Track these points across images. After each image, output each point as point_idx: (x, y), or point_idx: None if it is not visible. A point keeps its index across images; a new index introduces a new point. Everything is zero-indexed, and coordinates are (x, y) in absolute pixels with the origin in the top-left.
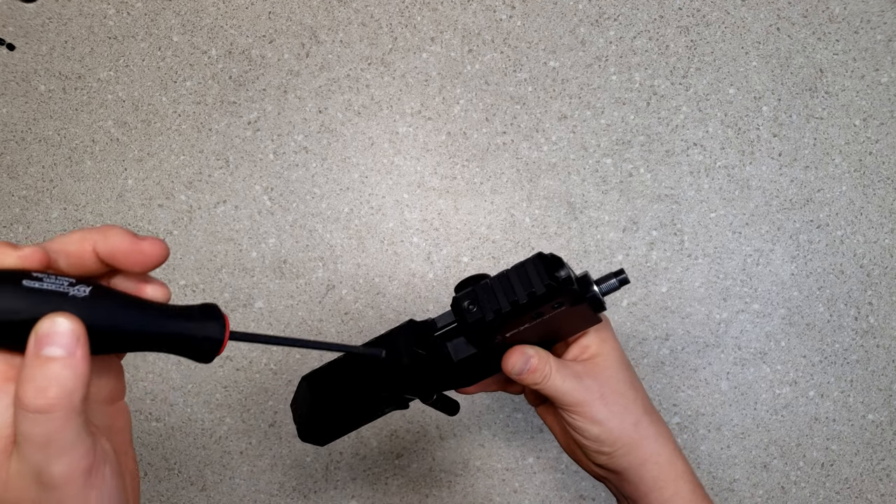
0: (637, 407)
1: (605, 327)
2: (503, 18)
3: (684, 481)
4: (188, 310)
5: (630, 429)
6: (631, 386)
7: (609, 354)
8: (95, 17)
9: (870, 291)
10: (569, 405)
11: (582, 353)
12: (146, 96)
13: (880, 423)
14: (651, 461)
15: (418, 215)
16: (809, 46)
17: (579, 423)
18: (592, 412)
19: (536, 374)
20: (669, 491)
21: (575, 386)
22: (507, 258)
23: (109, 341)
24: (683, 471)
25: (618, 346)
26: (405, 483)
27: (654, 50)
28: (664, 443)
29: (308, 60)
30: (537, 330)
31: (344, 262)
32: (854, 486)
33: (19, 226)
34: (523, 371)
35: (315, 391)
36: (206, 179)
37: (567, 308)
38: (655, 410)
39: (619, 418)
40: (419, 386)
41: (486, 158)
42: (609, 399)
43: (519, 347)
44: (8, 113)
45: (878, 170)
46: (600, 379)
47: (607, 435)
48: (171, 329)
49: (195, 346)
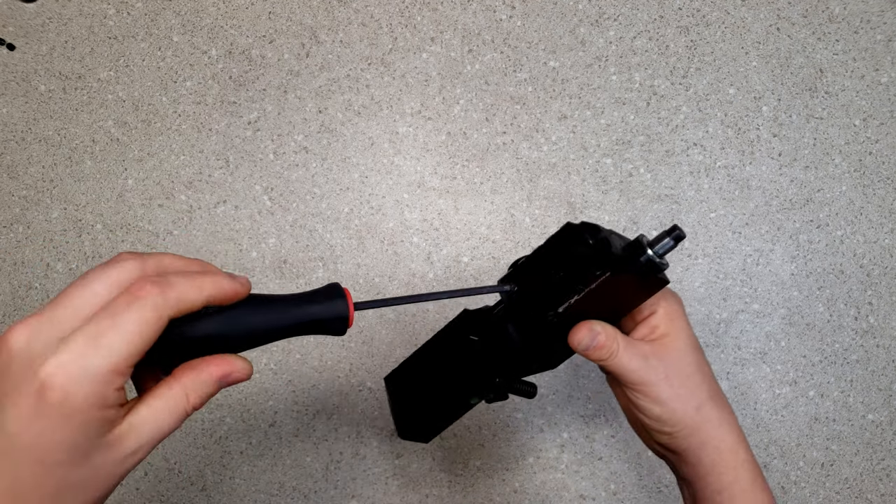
0: (702, 391)
1: (676, 308)
2: (503, 18)
3: (745, 469)
4: (315, 295)
5: (692, 412)
6: (698, 369)
7: (678, 335)
8: (95, 17)
9: (870, 291)
10: (633, 384)
11: (650, 333)
12: (146, 96)
13: (880, 423)
14: (711, 445)
15: (418, 215)
16: (809, 46)
17: (642, 402)
18: (656, 392)
19: (603, 351)
20: (729, 477)
21: (641, 365)
22: (506, 258)
23: (267, 337)
24: (745, 459)
25: (687, 327)
26: (405, 483)
27: (654, 50)
28: (728, 429)
29: (308, 60)
30: (592, 304)
31: (344, 262)
32: (854, 486)
33: (19, 226)
34: (589, 347)
35: (395, 390)
36: (206, 179)
37: (611, 277)
38: (722, 396)
39: (683, 400)
40: (492, 370)
41: (486, 158)
42: (674, 381)
43: (587, 323)
44: (8, 113)
45: (878, 170)
46: (666, 360)
47: (669, 416)
48: (307, 317)
49: (329, 326)
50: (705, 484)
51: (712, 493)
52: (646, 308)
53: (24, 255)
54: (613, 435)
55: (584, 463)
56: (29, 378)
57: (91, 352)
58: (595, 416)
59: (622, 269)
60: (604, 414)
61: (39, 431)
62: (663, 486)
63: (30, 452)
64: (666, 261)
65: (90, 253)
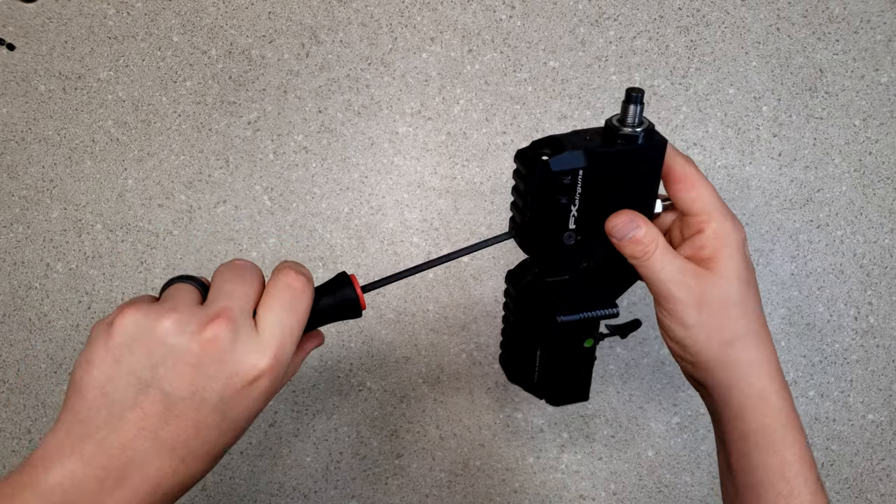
0: (738, 325)
1: (730, 233)
2: (503, 18)
3: (775, 419)
4: (326, 287)
5: (718, 346)
6: (739, 303)
7: (725, 262)
8: (95, 17)
9: (870, 291)
10: (662, 297)
11: (696, 253)
12: (146, 96)
13: (880, 423)
14: (737, 388)
15: (418, 215)
16: (809, 46)
17: (667, 321)
18: (682, 314)
19: (638, 247)
20: (754, 425)
21: (674, 278)
22: (506, 258)
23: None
24: (779, 407)
25: (739, 256)
26: (405, 483)
27: (654, 50)
28: (759, 374)
29: (308, 60)
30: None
31: (344, 262)
32: (854, 486)
33: (19, 226)
34: (625, 237)
35: (514, 372)
36: (206, 179)
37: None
38: (764, 337)
39: (710, 331)
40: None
41: (486, 158)
42: (706, 308)
43: (630, 211)
44: (8, 113)
45: (878, 170)
46: (704, 284)
47: (691, 342)
48: (324, 308)
49: (345, 312)
50: (732, 427)
51: (737, 437)
52: (693, 223)
53: (24, 255)
54: (613, 435)
55: (584, 463)
56: (243, 367)
57: (289, 343)
58: (595, 416)
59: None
60: (604, 414)
61: (246, 408)
62: (663, 486)
63: (232, 423)
64: (646, 122)
65: (90, 253)
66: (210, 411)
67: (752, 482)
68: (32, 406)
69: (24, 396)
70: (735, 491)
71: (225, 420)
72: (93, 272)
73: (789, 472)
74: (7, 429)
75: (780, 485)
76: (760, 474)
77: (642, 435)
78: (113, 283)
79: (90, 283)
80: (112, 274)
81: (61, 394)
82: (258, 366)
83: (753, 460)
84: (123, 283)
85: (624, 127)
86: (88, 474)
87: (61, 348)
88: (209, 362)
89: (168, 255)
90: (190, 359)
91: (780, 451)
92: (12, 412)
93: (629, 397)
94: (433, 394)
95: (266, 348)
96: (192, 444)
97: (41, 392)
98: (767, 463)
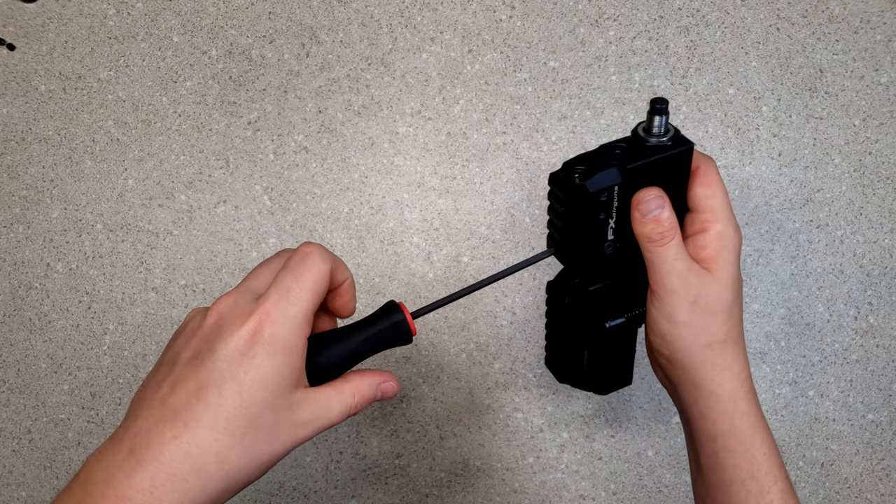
0: (721, 330)
1: (731, 238)
2: (503, 18)
3: (744, 422)
4: (375, 318)
5: (697, 347)
6: (726, 308)
7: (724, 266)
8: (95, 18)
9: (869, 291)
10: (662, 288)
11: (697, 252)
12: (146, 96)
13: (880, 423)
14: (707, 389)
15: (418, 215)
16: (809, 46)
17: (656, 312)
18: (674, 309)
19: (658, 228)
20: (724, 426)
21: (681, 273)
22: (506, 258)
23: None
24: (746, 412)
25: (735, 261)
26: (405, 483)
27: (654, 50)
28: (730, 377)
29: (308, 60)
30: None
31: (344, 262)
32: (854, 486)
33: (19, 226)
34: (650, 212)
35: (557, 365)
36: (206, 179)
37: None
38: (740, 345)
39: (696, 330)
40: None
41: (486, 158)
42: (699, 307)
43: (661, 189)
44: (8, 113)
45: (878, 170)
46: (704, 284)
47: (674, 339)
48: (377, 339)
49: (395, 340)
50: (700, 428)
51: (706, 439)
52: (698, 220)
53: (24, 255)
54: (613, 435)
55: (584, 463)
56: (238, 325)
57: (285, 302)
58: (595, 416)
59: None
60: (604, 414)
61: (246, 367)
62: (663, 486)
63: (234, 384)
64: (671, 129)
65: (90, 253)
66: (210, 369)
67: (722, 481)
68: (32, 406)
69: (24, 396)
70: (706, 490)
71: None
72: (93, 272)
73: (759, 471)
74: (7, 429)
75: (750, 483)
76: (730, 474)
77: (642, 435)
78: (113, 283)
79: (90, 283)
80: (112, 274)
81: (61, 394)
82: (253, 316)
83: (723, 460)
84: (123, 283)
85: (651, 137)
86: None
87: (61, 348)
88: (210, 331)
89: (168, 255)
90: (198, 332)
91: (750, 451)
92: (12, 412)
93: (629, 397)
94: (433, 394)
95: (257, 306)
96: (197, 408)
97: (41, 392)
98: (737, 463)
